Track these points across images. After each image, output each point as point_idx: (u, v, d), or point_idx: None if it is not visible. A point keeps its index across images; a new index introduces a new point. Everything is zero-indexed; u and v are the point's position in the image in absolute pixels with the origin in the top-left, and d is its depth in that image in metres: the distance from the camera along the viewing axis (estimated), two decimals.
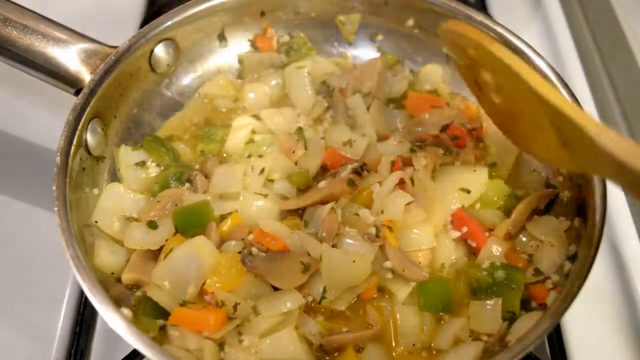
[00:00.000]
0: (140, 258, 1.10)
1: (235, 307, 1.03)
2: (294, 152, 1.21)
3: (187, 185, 1.19)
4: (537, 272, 1.09)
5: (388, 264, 1.07)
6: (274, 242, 1.09)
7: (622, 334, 1.20)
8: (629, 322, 1.21)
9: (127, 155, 1.22)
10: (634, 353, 1.17)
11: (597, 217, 1.01)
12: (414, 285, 1.08)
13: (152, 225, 1.12)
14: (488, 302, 1.05)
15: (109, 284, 1.06)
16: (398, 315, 1.06)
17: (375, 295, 1.09)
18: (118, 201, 1.15)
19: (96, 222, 1.11)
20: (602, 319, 1.21)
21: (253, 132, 1.28)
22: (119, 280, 1.09)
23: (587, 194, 1.06)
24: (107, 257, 1.08)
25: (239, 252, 1.07)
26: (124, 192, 1.17)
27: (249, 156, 1.22)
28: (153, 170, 1.23)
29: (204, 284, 1.05)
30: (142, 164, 1.23)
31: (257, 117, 1.30)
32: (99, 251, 1.08)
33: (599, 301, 1.23)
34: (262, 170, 1.18)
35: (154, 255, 1.10)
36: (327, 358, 1.03)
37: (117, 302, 0.96)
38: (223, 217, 1.14)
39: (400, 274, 1.07)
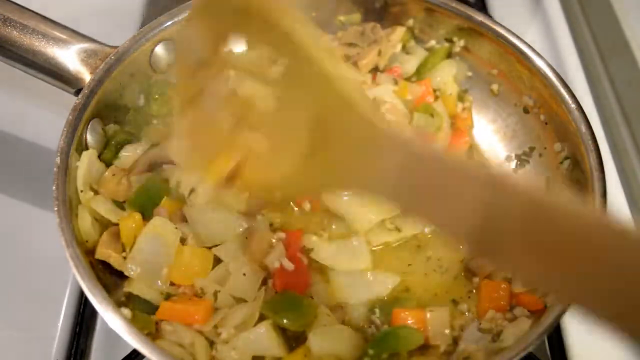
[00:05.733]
0: (110, 237, 1.10)
1: (215, 294, 1.04)
2: None
3: None
4: None
5: None
6: None
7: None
8: None
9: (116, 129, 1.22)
10: (634, 353, 1.17)
11: None
12: None
13: (119, 205, 1.13)
14: None
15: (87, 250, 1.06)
16: None
17: None
18: (88, 169, 1.13)
19: (81, 191, 1.10)
20: None
21: None
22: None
23: (586, 193, 1.06)
24: (87, 225, 1.08)
25: None
26: (94, 160, 1.15)
27: None
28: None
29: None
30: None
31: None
32: (82, 214, 1.08)
33: None
34: None
35: None
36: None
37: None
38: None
39: None
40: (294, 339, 1.03)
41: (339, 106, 0.66)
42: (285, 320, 1.01)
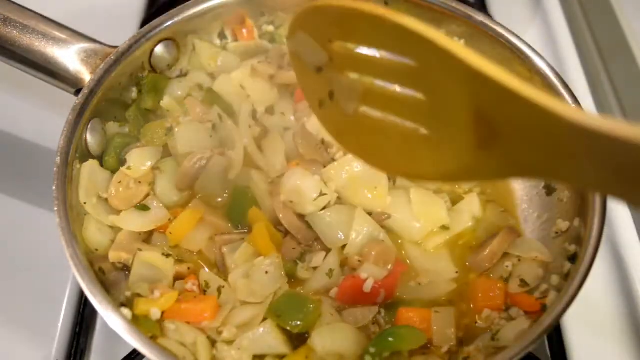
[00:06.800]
0: (126, 238, 1.11)
1: (219, 290, 1.05)
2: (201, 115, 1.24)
3: None
4: (523, 283, 1.09)
5: None
6: None
7: (622, 334, 1.20)
8: (629, 322, 1.21)
9: (114, 132, 1.22)
10: (634, 353, 1.17)
11: (597, 217, 1.01)
12: None
13: (144, 207, 1.14)
14: None
15: (93, 258, 1.06)
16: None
17: None
18: (93, 179, 1.13)
19: (85, 203, 1.10)
20: (602, 319, 1.21)
21: (200, 87, 1.30)
22: (104, 257, 1.09)
23: (586, 193, 1.06)
24: (94, 234, 1.09)
25: None
26: (96, 170, 1.15)
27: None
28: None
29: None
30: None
31: (213, 76, 1.31)
32: (87, 225, 1.09)
33: (599, 301, 1.23)
34: None
35: (139, 235, 1.13)
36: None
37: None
38: None
39: None
40: (296, 336, 1.04)
41: (500, 97, 0.62)
42: (291, 323, 1.01)
